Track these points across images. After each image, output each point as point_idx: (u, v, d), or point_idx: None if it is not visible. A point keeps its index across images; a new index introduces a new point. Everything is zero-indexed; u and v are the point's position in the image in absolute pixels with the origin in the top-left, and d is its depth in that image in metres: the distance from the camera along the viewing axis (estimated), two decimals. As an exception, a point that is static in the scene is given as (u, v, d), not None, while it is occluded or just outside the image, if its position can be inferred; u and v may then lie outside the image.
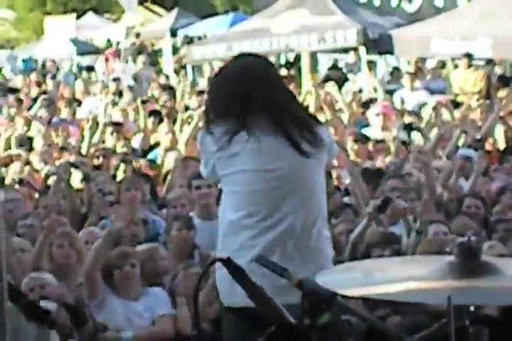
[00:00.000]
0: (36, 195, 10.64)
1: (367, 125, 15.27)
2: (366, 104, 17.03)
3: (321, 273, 3.34)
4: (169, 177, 11.30)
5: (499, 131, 13.56)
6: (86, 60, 31.26)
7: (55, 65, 31.39)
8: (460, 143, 12.62)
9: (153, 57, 30.52)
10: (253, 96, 5.38)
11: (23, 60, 33.79)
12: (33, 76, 26.27)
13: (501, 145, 13.04)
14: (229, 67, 5.76)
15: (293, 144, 5.26)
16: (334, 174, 10.82)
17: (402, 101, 17.68)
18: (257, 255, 3.94)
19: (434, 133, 13.28)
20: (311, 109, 15.17)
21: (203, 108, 14.39)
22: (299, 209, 5.35)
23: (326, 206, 5.66)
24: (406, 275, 3.13)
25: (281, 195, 5.33)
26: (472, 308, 3.21)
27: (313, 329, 3.11)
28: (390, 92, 19.04)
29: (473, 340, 3.24)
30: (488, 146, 12.73)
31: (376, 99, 17.68)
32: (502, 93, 17.43)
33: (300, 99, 16.51)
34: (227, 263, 3.34)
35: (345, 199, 9.87)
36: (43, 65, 31.77)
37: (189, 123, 13.50)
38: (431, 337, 3.45)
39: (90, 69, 27.88)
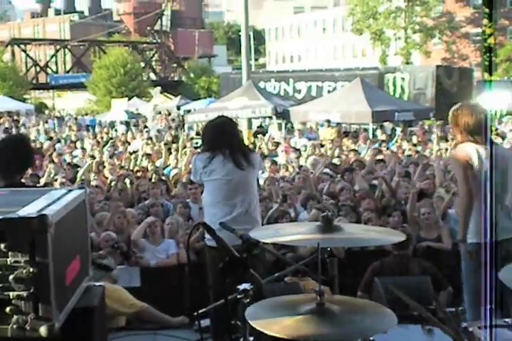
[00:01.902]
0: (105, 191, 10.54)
1: (276, 155, 15.32)
2: (276, 145, 17.11)
3: (252, 230, 3.32)
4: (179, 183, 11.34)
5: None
6: (132, 122, 30.92)
7: (116, 123, 31.37)
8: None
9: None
10: (224, 140, 5.45)
11: (91, 120, 33.99)
12: (105, 129, 26.09)
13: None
14: (213, 122, 5.76)
15: (237, 165, 5.34)
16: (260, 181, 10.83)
17: (295, 144, 17.74)
18: (220, 222, 3.94)
19: (310, 161, 13.32)
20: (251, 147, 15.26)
21: (192, 147, 14.59)
22: (244, 199, 5.42)
23: (257, 197, 5.73)
24: (296, 231, 3.12)
25: (234, 192, 5.39)
26: (329, 249, 3.20)
27: (247, 259, 3.08)
28: (288, 139, 19.12)
29: (329, 265, 3.23)
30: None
31: (280, 143, 17.75)
32: (345, 140, 17.54)
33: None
34: (204, 225, 3.33)
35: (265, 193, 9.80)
36: (110, 124, 31.50)
37: (185, 154, 13.43)
38: (309, 263, 3.44)
39: (134, 126, 27.85)
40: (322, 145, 16.32)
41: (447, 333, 3.01)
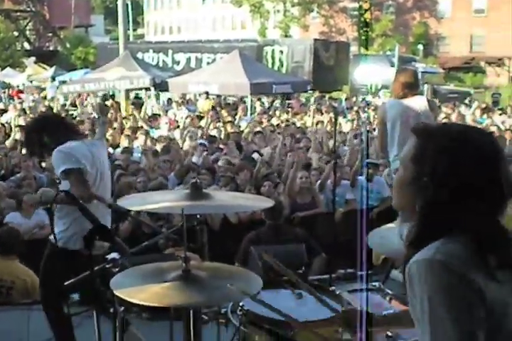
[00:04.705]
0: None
1: (154, 127, 15.18)
2: (154, 117, 16.93)
3: (122, 199, 3.25)
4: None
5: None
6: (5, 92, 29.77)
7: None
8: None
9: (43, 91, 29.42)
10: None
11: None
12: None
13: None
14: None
15: None
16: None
17: (174, 115, 17.63)
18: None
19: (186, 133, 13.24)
20: (130, 120, 15.13)
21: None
22: None
23: None
24: (163, 199, 3.11)
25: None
26: (198, 216, 3.22)
27: (116, 229, 3.06)
28: (167, 111, 18.98)
29: (199, 233, 3.26)
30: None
31: (160, 115, 17.58)
32: (223, 111, 17.48)
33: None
34: (67, 194, 3.25)
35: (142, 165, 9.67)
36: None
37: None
38: (177, 232, 3.45)
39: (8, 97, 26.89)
40: (201, 117, 16.29)
41: (313, 295, 3.11)
